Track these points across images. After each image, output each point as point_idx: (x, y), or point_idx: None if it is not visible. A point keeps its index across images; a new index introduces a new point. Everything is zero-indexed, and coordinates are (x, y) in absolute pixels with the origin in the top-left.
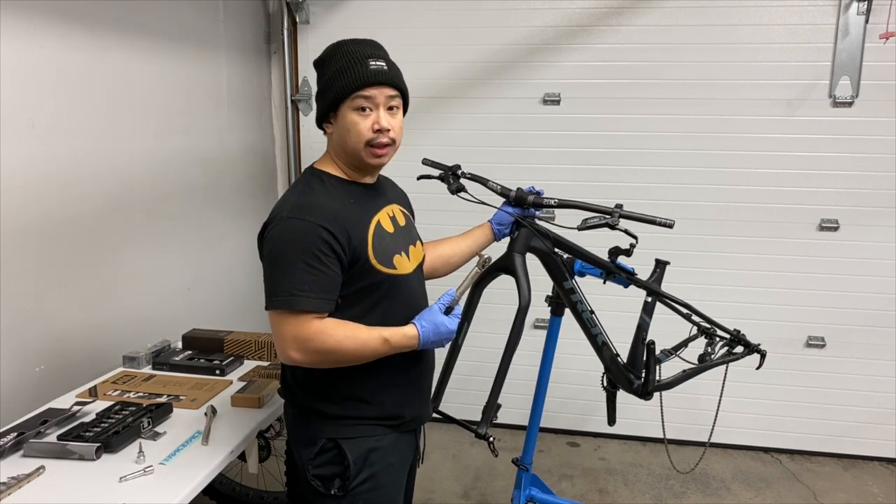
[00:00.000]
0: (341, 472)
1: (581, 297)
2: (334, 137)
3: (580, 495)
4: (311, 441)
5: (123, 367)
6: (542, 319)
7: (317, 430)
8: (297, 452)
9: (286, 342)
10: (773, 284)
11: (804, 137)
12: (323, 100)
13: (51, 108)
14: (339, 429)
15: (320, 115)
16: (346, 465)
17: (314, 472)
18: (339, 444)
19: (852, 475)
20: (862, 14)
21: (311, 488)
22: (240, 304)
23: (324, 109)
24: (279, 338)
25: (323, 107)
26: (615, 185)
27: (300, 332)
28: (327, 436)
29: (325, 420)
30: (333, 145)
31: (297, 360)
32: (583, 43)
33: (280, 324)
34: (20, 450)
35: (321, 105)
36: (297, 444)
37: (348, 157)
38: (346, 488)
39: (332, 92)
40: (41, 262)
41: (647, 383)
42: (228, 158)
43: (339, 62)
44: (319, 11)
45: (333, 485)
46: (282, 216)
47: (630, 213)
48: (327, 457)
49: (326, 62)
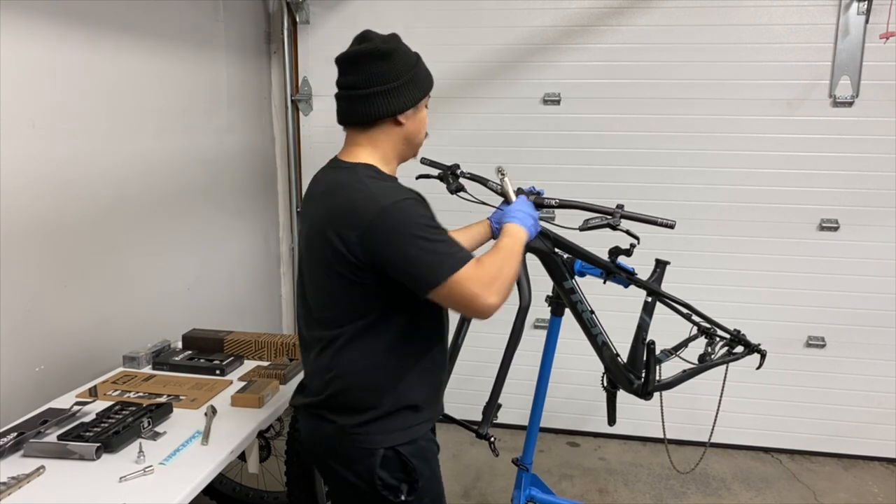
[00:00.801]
0: (406, 477)
1: (581, 297)
2: (406, 128)
3: (580, 495)
4: (368, 454)
5: (123, 367)
6: (542, 319)
7: (372, 442)
8: (350, 468)
9: (480, 294)
10: (773, 284)
11: (804, 137)
12: (417, 89)
13: (51, 108)
14: (395, 436)
15: (409, 103)
16: (410, 468)
17: (382, 482)
18: (398, 451)
19: (852, 475)
20: (862, 14)
21: (379, 499)
22: (240, 305)
23: (417, 98)
24: (470, 296)
25: (417, 95)
26: (615, 185)
27: (482, 278)
28: (384, 445)
29: (379, 431)
30: (398, 137)
31: (496, 303)
32: (583, 43)
33: (462, 283)
34: (20, 450)
35: (415, 94)
36: (345, 459)
37: (409, 150)
38: (414, 491)
39: (425, 83)
40: (41, 262)
41: (647, 383)
42: (228, 158)
43: (413, 59)
44: (319, 11)
45: (402, 490)
46: (385, 205)
47: (631, 214)
48: (391, 465)
49: (402, 52)
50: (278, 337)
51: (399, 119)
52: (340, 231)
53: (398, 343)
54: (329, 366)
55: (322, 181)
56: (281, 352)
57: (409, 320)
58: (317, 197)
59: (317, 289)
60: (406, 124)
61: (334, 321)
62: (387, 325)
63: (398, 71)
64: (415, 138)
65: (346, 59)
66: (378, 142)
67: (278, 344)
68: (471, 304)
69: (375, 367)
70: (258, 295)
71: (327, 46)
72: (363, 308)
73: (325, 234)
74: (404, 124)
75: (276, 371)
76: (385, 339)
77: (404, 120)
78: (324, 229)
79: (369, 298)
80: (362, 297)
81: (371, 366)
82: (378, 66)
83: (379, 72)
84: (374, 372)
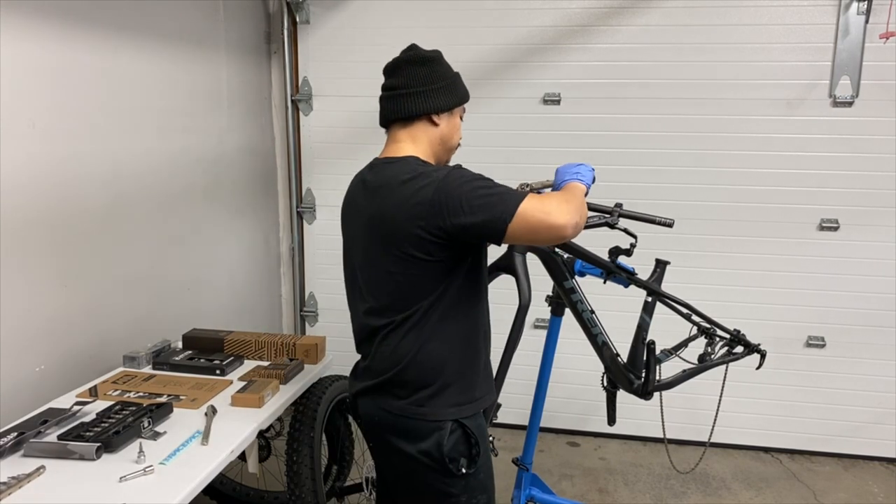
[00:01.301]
0: (468, 451)
1: (581, 297)
2: (441, 130)
3: (580, 495)
4: (436, 427)
5: (124, 367)
6: (542, 319)
7: (442, 414)
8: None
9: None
10: (773, 284)
11: (804, 137)
12: (453, 95)
13: (51, 109)
14: (462, 409)
15: (446, 105)
16: (472, 442)
17: (448, 455)
18: (463, 424)
19: (852, 475)
20: (862, 14)
21: (443, 472)
22: (240, 304)
23: (453, 103)
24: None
25: (453, 100)
26: (615, 185)
27: (547, 205)
28: (452, 417)
29: (448, 405)
30: (434, 136)
31: (565, 223)
32: (583, 43)
33: (531, 212)
34: (20, 449)
35: (451, 98)
36: (415, 435)
37: (444, 152)
38: (474, 464)
39: (461, 92)
40: (41, 261)
41: (647, 383)
42: (228, 158)
43: (453, 72)
44: (319, 11)
45: (461, 464)
46: (442, 175)
47: (629, 213)
48: (455, 437)
49: (442, 62)
50: (278, 337)
51: (434, 119)
52: (412, 213)
53: (458, 323)
54: (396, 347)
55: (374, 178)
56: (281, 352)
57: (466, 299)
58: (373, 191)
59: (381, 278)
60: (441, 125)
61: (400, 306)
62: (449, 305)
63: (436, 76)
64: (449, 140)
65: (391, 65)
66: (418, 139)
67: (278, 344)
68: (544, 226)
69: (440, 346)
70: (258, 295)
71: (327, 46)
72: (429, 289)
73: (396, 223)
74: (439, 125)
75: (277, 371)
76: (448, 318)
77: (439, 121)
78: (393, 218)
79: (435, 278)
80: (430, 278)
81: (436, 345)
82: (418, 70)
83: (418, 75)
84: (439, 350)
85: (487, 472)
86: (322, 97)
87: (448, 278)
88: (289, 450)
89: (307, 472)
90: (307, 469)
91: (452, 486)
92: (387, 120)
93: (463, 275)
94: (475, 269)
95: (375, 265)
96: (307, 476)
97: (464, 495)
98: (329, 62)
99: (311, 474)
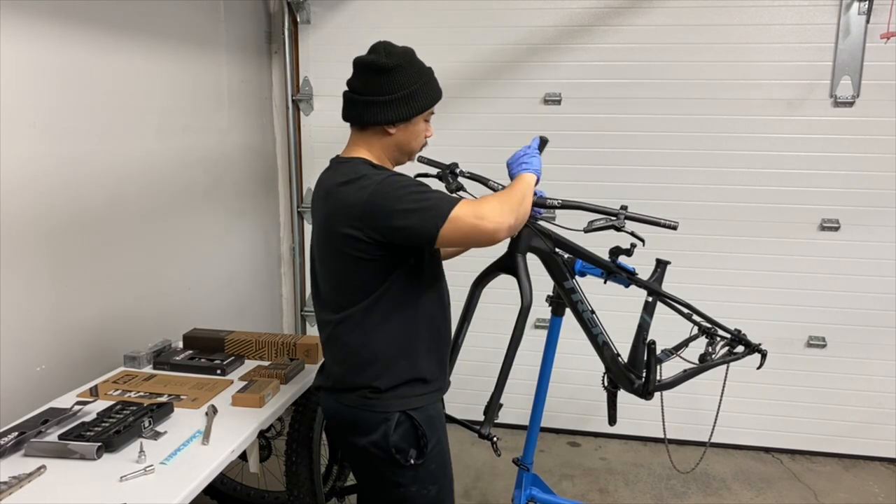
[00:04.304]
0: (416, 442)
1: (582, 297)
2: (396, 137)
3: (581, 495)
4: (384, 419)
5: (124, 367)
6: (542, 319)
7: (388, 406)
8: (366, 435)
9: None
10: (774, 284)
11: (805, 137)
12: (408, 107)
13: (51, 108)
14: (409, 401)
15: (397, 118)
16: (420, 433)
17: (395, 446)
18: (411, 416)
19: (853, 475)
20: (863, 14)
21: (391, 463)
22: (241, 304)
23: (407, 115)
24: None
25: (407, 113)
26: (615, 185)
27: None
28: (398, 409)
29: (394, 397)
30: (388, 143)
31: (494, 228)
32: (583, 43)
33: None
34: (21, 449)
35: (404, 111)
36: (364, 427)
37: (401, 155)
38: (422, 455)
39: (419, 104)
40: (42, 261)
41: (647, 383)
42: (229, 158)
43: (421, 77)
44: (320, 11)
45: (410, 455)
46: (379, 179)
47: (635, 215)
48: (402, 429)
49: (403, 70)
50: (279, 337)
51: (388, 129)
52: (348, 213)
53: (404, 319)
54: (344, 343)
55: (325, 181)
56: (281, 351)
57: (412, 296)
58: (322, 195)
59: (327, 273)
60: (395, 135)
61: (344, 302)
62: (392, 302)
63: (395, 86)
64: (406, 146)
65: (355, 64)
66: (371, 144)
67: (279, 343)
68: (476, 232)
69: (385, 342)
70: (259, 295)
71: (328, 46)
72: (370, 286)
73: (334, 222)
74: (394, 134)
75: (277, 371)
76: (391, 315)
77: (393, 131)
78: (333, 218)
79: (376, 277)
80: (371, 276)
81: (381, 340)
82: (375, 79)
83: (374, 84)
84: (384, 346)
85: (440, 464)
86: (323, 97)
87: (390, 277)
88: (288, 450)
89: (306, 472)
90: (306, 469)
91: (401, 476)
92: (344, 119)
93: (405, 274)
94: (418, 268)
95: (324, 263)
96: (306, 476)
97: (413, 485)
98: (330, 62)
99: (309, 475)
